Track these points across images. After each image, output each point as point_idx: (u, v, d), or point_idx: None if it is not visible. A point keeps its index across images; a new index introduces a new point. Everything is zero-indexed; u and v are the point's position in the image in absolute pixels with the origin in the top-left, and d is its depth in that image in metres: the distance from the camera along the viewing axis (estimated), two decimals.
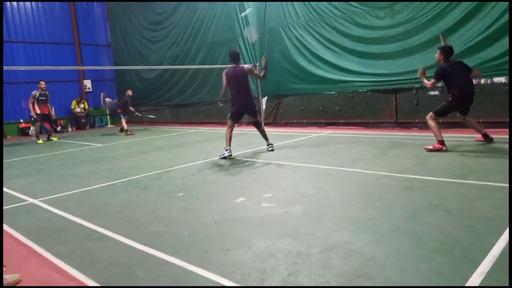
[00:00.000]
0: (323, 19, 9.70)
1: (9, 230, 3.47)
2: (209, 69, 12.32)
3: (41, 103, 10.89)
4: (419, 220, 3.01)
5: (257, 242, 2.79)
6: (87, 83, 16.21)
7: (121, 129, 11.90)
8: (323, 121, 10.23)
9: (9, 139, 12.97)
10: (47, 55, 14.93)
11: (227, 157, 6.24)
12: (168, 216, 3.56)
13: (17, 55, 14.14)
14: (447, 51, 5.86)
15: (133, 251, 2.80)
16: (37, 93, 10.80)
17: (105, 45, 17.06)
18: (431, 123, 5.81)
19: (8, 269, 2.63)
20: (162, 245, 2.85)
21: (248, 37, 6.42)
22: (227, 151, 6.28)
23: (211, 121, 13.23)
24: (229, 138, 6.38)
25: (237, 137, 6.52)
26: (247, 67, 6.57)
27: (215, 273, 2.36)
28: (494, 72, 7.29)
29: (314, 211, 3.38)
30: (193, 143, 8.77)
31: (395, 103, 8.96)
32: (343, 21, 9.34)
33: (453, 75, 5.77)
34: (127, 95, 12.10)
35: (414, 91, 8.62)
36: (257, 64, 10.56)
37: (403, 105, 8.85)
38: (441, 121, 7.60)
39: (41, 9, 14.87)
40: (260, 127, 6.88)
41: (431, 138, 5.83)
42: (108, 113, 15.63)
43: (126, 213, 3.73)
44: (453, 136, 6.63)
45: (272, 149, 6.68)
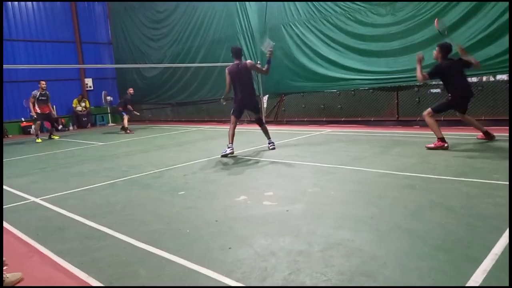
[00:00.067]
0: (324, 16, 9.68)
1: (11, 228, 3.48)
2: (210, 67, 12.32)
3: (41, 103, 10.87)
4: (420, 218, 3.00)
5: (258, 240, 2.79)
6: (88, 82, 16.22)
7: (122, 127, 11.90)
8: (324, 119, 10.22)
9: (10, 138, 12.99)
10: (48, 53, 14.95)
11: (228, 154, 6.22)
12: (169, 214, 3.56)
13: (18, 53, 14.16)
14: (445, 49, 5.73)
15: (135, 249, 2.81)
16: (37, 93, 10.78)
17: (106, 44, 17.06)
18: (429, 120, 5.76)
19: (9, 267, 2.64)
20: (163, 243, 2.86)
21: (265, 47, 6.58)
22: (230, 148, 6.25)
23: (212, 119, 13.23)
24: (232, 135, 6.36)
25: (238, 135, 6.51)
26: (250, 62, 6.55)
27: (216, 271, 2.36)
28: (496, 69, 7.27)
29: (315, 210, 3.38)
30: (194, 141, 8.77)
31: (396, 101, 8.95)
32: (344, 18, 9.32)
33: (451, 75, 5.69)
34: (128, 93, 12.10)
35: (415, 89, 8.61)
36: (258, 62, 10.55)
37: (405, 103, 8.83)
38: (442, 119, 7.66)
39: (42, 8, 14.88)
40: (263, 124, 6.86)
41: (433, 136, 5.81)
42: (109, 111, 15.64)
43: (127, 212, 3.74)
44: (454, 134, 6.61)
45: (273, 148, 6.67)
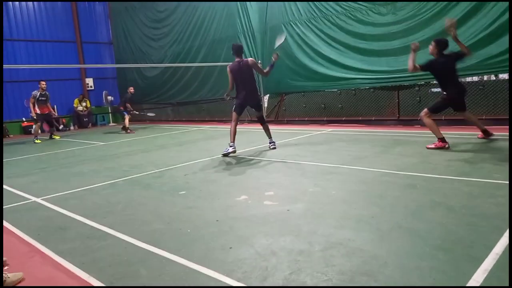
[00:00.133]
0: (325, 16, 9.67)
1: (12, 228, 3.48)
2: (210, 67, 12.32)
3: (41, 103, 10.85)
4: (421, 218, 3.00)
5: (259, 240, 2.79)
6: (89, 82, 16.22)
7: (123, 127, 11.91)
8: (325, 119, 10.21)
9: (11, 138, 13.00)
10: (49, 53, 14.95)
11: (230, 153, 6.17)
12: (170, 214, 3.56)
13: (19, 53, 14.16)
14: (441, 45, 5.60)
15: (136, 249, 2.81)
16: (37, 93, 10.75)
17: (106, 43, 17.06)
18: (427, 120, 5.69)
19: (11, 267, 2.64)
20: (164, 243, 2.86)
21: (278, 42, 6.63)
22: (231, 147, 6.20)
23: (212, 119, 13.23)
24: (234, 132, 6.32)
25: (239, 135, 6.51)
26: (251, 60, 6.52)
27: (217, 271, 2.36)
28: (497, 68, 7.25)
29: (316, 209, 3.38)
30: (195, 141, 8.77)
31: (397, 101, 8.94)
32: (345, 18, 9.31)
33: (446, 72, 5.60)
34: (128, 92, 12.09)
35: (416, 88, 8.59)
36: (259, 61, 10.56)
37: (406, 102, 8.82)
38: (443, 118, 7.65)
39: (43, 8, 14.88)
40: (264, 122, 6.83)
41: (434, 135, 5.79)
42: (110, 111, 15.64)
43: (128, 211, 3.74)
44: (455, 133, 6.60)
45: (274, 147, 6.66)
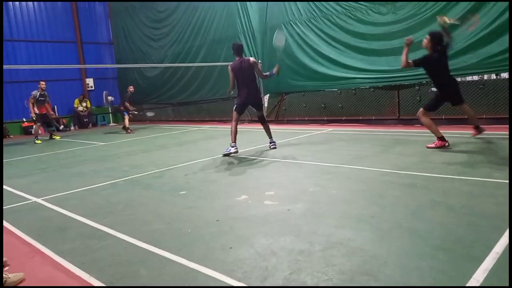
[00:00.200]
0: (325, 15, 9.67)
1: (12, 228, 3.49)
2: (211, 67, 12.31)
3: (40, 103, 10.82)
4: (421, 217, 3.00)
5: (259, 240, 2.79)
6: (90, 82, 16.22)
7: (124, 127, 11.91)
8: (325, 118, 10.21)
9: (11, 138, 13.01)
10: (49, 53, 14.95)
11: (232, 153, 6.13)
12: (170, 214, 3.56)
13: (19, 54, 14.16)
14: (436, 39, 5.44)
15: (136, 249, 2.81)
16: (37, 93, 10.72)
17: (107, 43, 17.06)
18: (425, 120, 5.62)
19: (11, 267, 2.65)
20: (164, 243, 2.86)
21: (277, 42, 6.67)
22: (233, 147, 6.17)
23: (213, 119, 13.23)
24: (235, 132, 6.29)
25: (239, 134, 6.49)
26: (252, 59, 6.51)
27: (217, 271, 2.36)
28: (497, 68, 7.24)
29: (316, 209, 3.38)
30: (195, 141, 8.77)
31: (397, 100, 8.93)
32: (345, 17, 9.31)
33: (439, 69, 5.49)
34: (128, 91, 12.08)
35: (417, 88, 8.59)
36: (259, 61, 10.56)
37: (406, 101, 8.82)
38: (443, 118, 7.64)
39: (43, 8, 14.88)
40: (265, 122, 6.81)
41: (434, 135, 5.78)
42: (110, 111, 15.64)
43: (128, 212, 3.74)
44: (455, 132, 6.59)
45: (274, 147, 6.65)
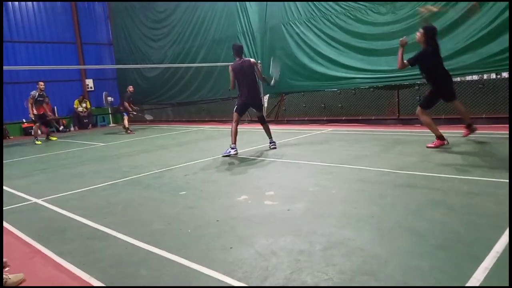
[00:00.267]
0: (324, 15, 9.67)
1: (13, 229, 3.49)
2: (210, 67, 12.31)
3: (38, 103, 10.79)
4: (421, 217, 3.00)
5: (259, 240, 2.79)
6: (89, 82, 16.22)
7: (124, 127, 11.92)
8: (325, 118, 10.21)
9: (11, 139, 13.01)
10: (49, 54, 14.94)
11: (232, 155, 6.12)
12: (170, 214, 3.56)
13: (19, 55, 14.15)
14: (430, 33, 5.35)
15: (136, 249, 2.81)
16: (36, 93, 10.69)
17: (106, 44, 17.06)
18: (424, 118, 5.61)
19: (11, 268, 2.65)
20: (164, 243, 2.86)
21: (274, 73, 6.80)
22: (233, 149, 6.15)
23: (213, 119, 13.23)
24: (235, 133, 6.28)
25: (239, 135, 6.49)
26: (253, 60, 6.52)
27: (218, 271, 2.36)
28: (498, 67, 7.23)
29: (316, 209, 3.38)
30: (195, 141, 8.77)
31: (397, 100, 8.93)
32: (344, 17, 9.31)
33: (434, 64, 5.42)
34: (128, 91, 12.07)
35: (416, 87, 8.59)
36: (259, 61, 10.57)
37: (406, 101, 8.81)
38: (443, 117, 7.64)
39: (42, 9, 14.87)
40: (265, 122, 6.81)
41: (433, 134, 5.78)
42: (110, 112, 15.63)
43: (128, 212, 3.75)
44: (455, 132, 6.58)
45: (274, 147, 6.65)
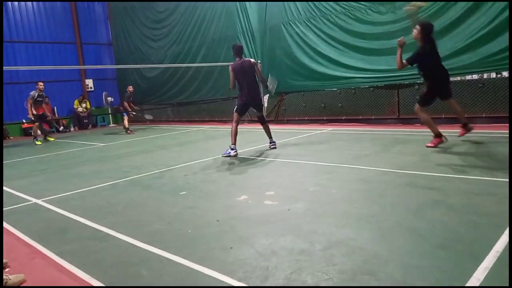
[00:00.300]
0: (324, 15, 9.67)
1: (13, 230, 3.49)
2: (210, 67, 12.31)
3: (37, 103, 10.78)
4: (421, 216, 3.00)
5: (259, 240, 2.79)
6: (89, 83, 16.22)
7: (124, 127, 11.92)
8: (325, 118, 10.21)
9: (11, 140, 13.01)
10: (49, 55, 14.94)
11: (232, 156, 6.10)
12: (170, 214, 3.56)
13: (19, 55, 14.16)
14: (428, 29, 5.31)
15: (136, 250, 2.81)
16: (35, 93, 10.65)
17: (106, 44, 17.06)
18: (422, 116, 5.60)
19: (12, 269, 2.65)
20: (164, 243, 2.86)
21: (270, 86, 6.82)
22: (233, 150, 6.14)
23: (212, 119, 13.23)
24: (235, 133, 6.26)
25: (239, 135, 6.49)
26: (253, 60, 6.51)
27: (218, 271, 2.37)
28: (497, 66, 7.23)
29: (316, 208, 3.38)
30: (195, 141, 8.77)
31: (397, 99, 8.93)
32: (344, 17, 9.31)
33: (432, 62, 5.39)
34: (128, 91, 12.06)
35: (416, 87, 8.58)
36: (259, 61, 10.57)
37: (406, 101, 8.81)
38: (443, 117, 7.64)
39: (42, 9, 14.88)
40: (265, 122, 6.79)
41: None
42: (110, 112, 15.63)
43: (128, 212, 3.75)
44: (455, 132, 6.58)
45: (274, 147, 6.65)
